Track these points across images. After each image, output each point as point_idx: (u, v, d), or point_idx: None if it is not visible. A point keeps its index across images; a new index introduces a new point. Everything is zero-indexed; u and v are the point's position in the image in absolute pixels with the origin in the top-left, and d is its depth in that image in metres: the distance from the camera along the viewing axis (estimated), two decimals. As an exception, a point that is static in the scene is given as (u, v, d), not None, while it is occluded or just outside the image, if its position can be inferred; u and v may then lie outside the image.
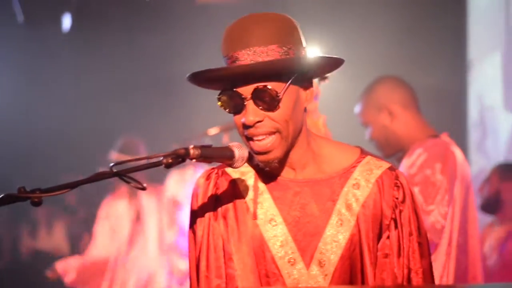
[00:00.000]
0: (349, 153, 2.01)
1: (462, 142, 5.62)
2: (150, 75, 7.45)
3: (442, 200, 3.07)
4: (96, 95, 7.38)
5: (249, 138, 1.90)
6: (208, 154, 1.83)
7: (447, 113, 5.84)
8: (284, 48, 1.85)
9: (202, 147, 1.82)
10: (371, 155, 2.02)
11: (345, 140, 2.11)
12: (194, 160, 1.82)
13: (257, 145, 1.89)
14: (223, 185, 2.05)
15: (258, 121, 1.86)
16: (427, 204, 3.04)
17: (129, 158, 1.89)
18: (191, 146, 1.81)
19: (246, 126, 1.88)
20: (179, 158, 1.80)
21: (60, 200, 6.98)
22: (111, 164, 1.78)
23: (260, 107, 1.86)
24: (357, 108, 3.55)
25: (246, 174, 2.03)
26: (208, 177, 2.07)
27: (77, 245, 6.91)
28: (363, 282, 1.91)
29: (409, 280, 1.91)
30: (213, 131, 4.52)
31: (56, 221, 7.28)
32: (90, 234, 5.83)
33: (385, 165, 1.99)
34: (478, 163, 5.95)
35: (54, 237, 7.22)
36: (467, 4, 6.36)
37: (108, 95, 7.38)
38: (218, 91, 1.91)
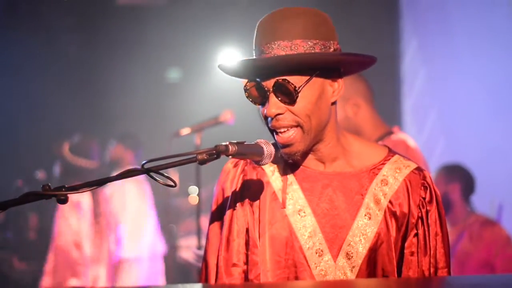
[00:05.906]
0: (378, 151, 2.04)
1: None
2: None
3: None
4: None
5: (273, 131, 1.93)
6: (242, 151, 1.84)
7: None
8: (309, 43, 1.87)
9: (238, 143, 1.82)
10: (399, 154, 2.05)
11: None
12: (230, 157, 1.82)
13: (280, 137, 1.92)
14: (251, 173, 2.05)
15: (279, 114, 1.89)
16: None
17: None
18: (229, 142, 1.80)
19: (268, 118, 1.91)
20: (214, 155, 1.79)
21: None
22: (143, 162, 1.74)
23: (280, 99, 1.88)
24: None
25: (275, 164, 2.04)
26: (236, 164, 2.09)
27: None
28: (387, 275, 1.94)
29: None
30: (185, 131, 4.50)
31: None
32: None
33: (413, 165, 2.02)
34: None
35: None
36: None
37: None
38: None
